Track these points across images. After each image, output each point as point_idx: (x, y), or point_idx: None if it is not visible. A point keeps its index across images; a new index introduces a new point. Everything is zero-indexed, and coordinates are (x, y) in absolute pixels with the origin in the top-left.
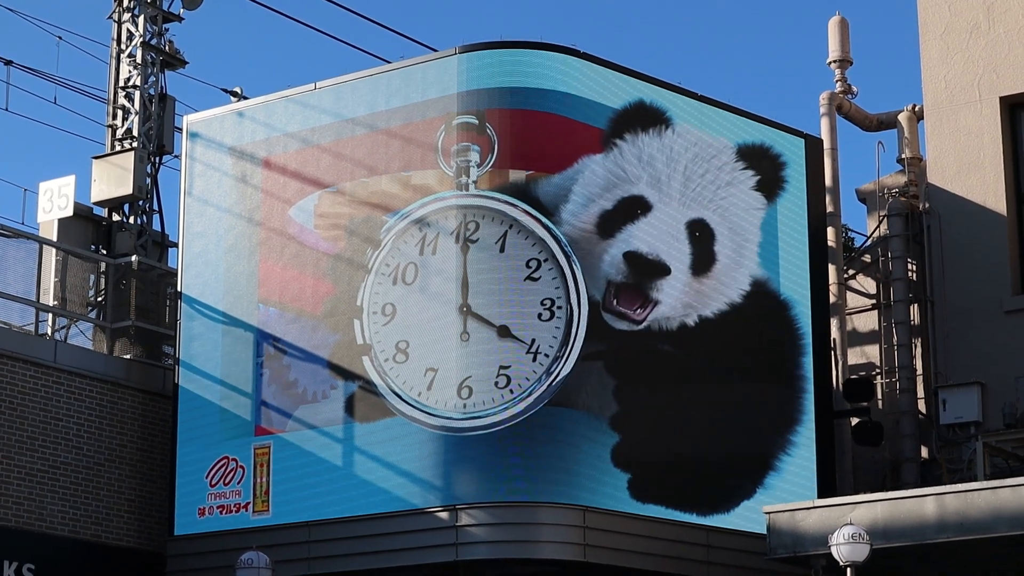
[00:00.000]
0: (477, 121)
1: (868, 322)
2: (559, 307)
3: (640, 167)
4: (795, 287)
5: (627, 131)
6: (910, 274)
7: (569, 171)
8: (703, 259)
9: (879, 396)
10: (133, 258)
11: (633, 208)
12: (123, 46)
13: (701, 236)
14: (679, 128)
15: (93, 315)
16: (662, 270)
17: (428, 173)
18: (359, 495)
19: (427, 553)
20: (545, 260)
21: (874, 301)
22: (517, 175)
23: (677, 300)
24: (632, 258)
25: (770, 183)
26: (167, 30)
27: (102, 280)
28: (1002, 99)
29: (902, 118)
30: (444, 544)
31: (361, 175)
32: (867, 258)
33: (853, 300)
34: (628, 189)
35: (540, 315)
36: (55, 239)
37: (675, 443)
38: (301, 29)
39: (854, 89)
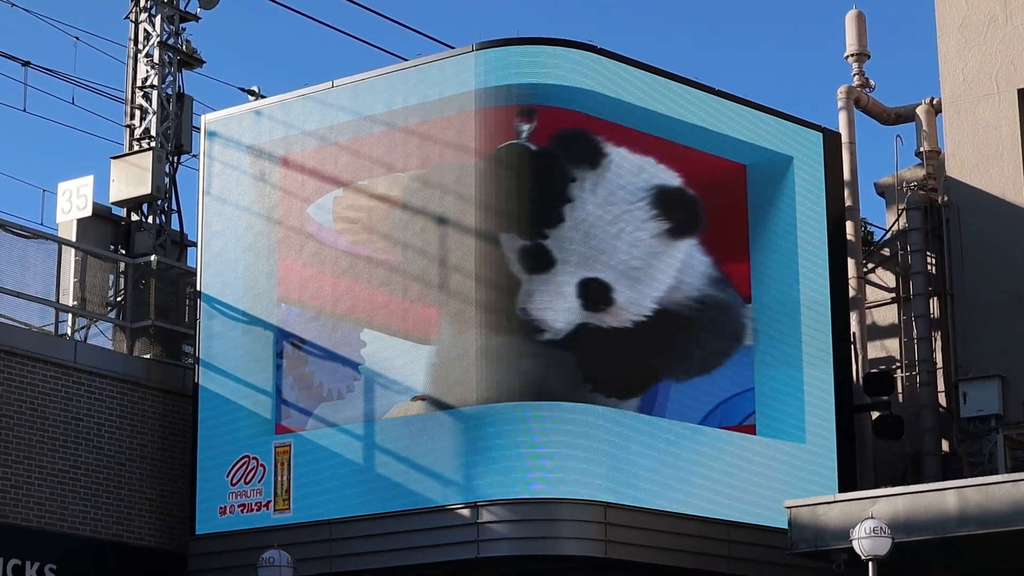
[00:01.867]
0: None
1: (888, 316)
2: None
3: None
4: (814, 281)
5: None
6: (929, 267)
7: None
8: (598, 303)
9: (899, 390)
10: (152, 258)
11: (542, 262)
12: (140, 46)
13: (593, 288)
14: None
15: (113, 315)
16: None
17: (446, 170)
18: (380, 493)
19: (448, 550)
20: None
21: (893, 295)
22: None
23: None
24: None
25: (685, 226)
26: (184, 29)
27: (121, 280)
28: (1020, 91)
29: (920, 111)
30: (465, 541)
31: (379, 172)
32: (886, 252)
33: (873, 294)
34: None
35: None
36: (74, 239)
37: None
38: (318, 27)
39: (872, 83)
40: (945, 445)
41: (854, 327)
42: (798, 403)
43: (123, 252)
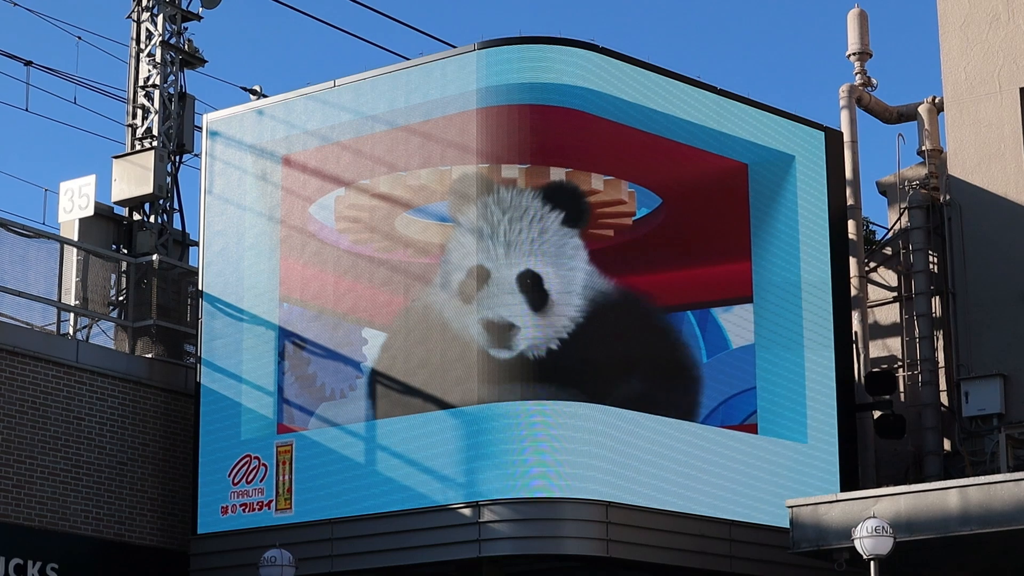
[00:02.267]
0: None
1: (889, 315)
2: None
3: (474, 238)
4: (815, 279)
5: (464, 206)
6: (931, 266)
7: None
8: (538, 300)
9: (901, 389)
10: (154, 257)
11: (480, 277)
12: (142, 45)
13: (532, 283)
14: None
15: (114, 314)
16: (511, 327)
17: (447, 170)
18: (382, 492)
19: (450, 550)
20: None
21: (895, 294)
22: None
23: (534, 335)
24: (487, 324)
25: (575, 215)
26: (186, 29)
27: (123, 279)
28: (1022, 90)
29: (922, 110)
30: (467, 540)
31: (381, 172)
32: (888, 251)
33: (874, 293)
34: (472, 260)
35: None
36: (76, 239)
37: None
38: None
39: (873, 81)
40: (947, 444)
41: (856, 326)
42: (800, 402)
43: (125, 251)
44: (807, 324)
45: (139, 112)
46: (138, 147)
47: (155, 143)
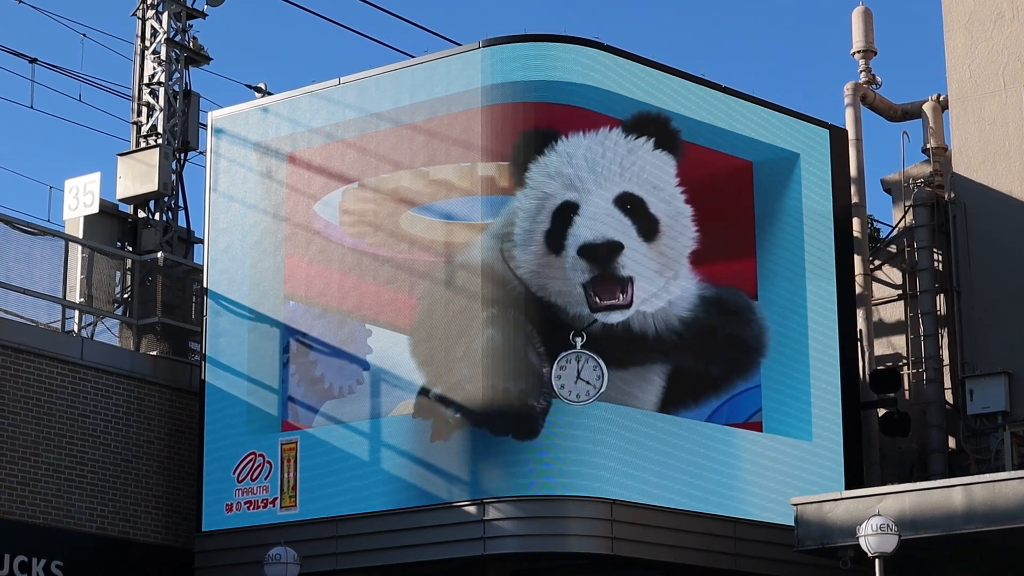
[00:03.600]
0: None
1: (894, 312)
2: None
3: (551, 179)
4: (820, 278)
5: (529, 160)
6: (936, 264)
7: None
8: (647, 226)
9: (906, 387)
10: (159, 255)
11: (566, 214)
12: (147, 43)
13: (633, 207)
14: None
15: (119, 312)
16: (616, 247)
17: (451, 168)
18: (386, 490)
19: (455, 547)
20: None
21: (900, 291)
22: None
23: (647, 269)
24: (586, 250)
25: (667, 139)
26: (191, 26)
27: (128, 277)
28: None
29: (927, 108)
30: (472, 538)
31: (386, 170)
32: (893, 248)
33: (879, 291)
34: (553, 203)
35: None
36: (81, 236)
37: None
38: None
39: (878, 79)
40: (952, 442)
41: (860, 324)
42: (804, 400)
43: (130, 249)
44: (812, 322)
45: (144, 109)
46: (143, 144)
47: (160, 141)
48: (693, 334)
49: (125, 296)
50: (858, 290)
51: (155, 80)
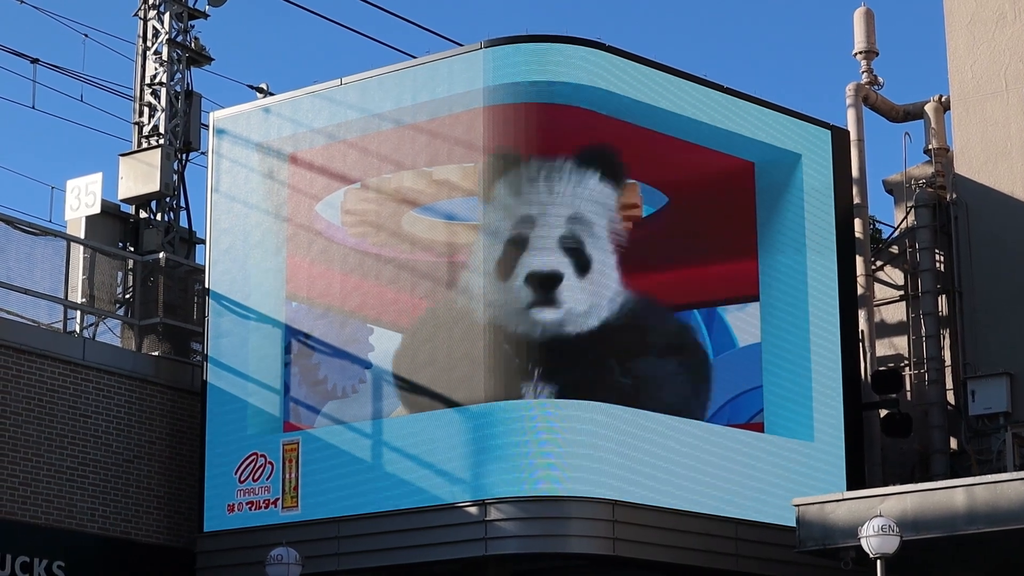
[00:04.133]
0: None
1: (896, 313)
2: None
3: (509, 209)
4: (822, 279)
5: (496, 182)
6: (938, 265)
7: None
8: (581, 264)
9: (908, 387)
10: (160, 255)
11: (518, 245)
12: (149, 43)
13: (575, 246)
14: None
15: (121, 312)
16: (557, 278)
17: (453, 168)
18: (388, 490)
19: (456, 548)
20: None
21: (902, 292)
22: None
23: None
24: (531, 278)
25: (613, 172)
26: (193, 27)
27: (130, 277)
28: None
29: (928, 109)
30: (473, 539)
31: (387, 170)
32: (895, 249)
33: (881, 291)
34: (508, 232)
35: None
36: (83, 237)
37: None
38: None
39: (880, 80)
40: (954, 443)
41: (862, 325)
42: (806, 401)
43: (131, 249)
44: (813, 323)
45: (146, 110)
46: (145, 145)
47: (162, 141)
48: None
49: (127, 296)
50: (860, 291)
51: (157, 80)
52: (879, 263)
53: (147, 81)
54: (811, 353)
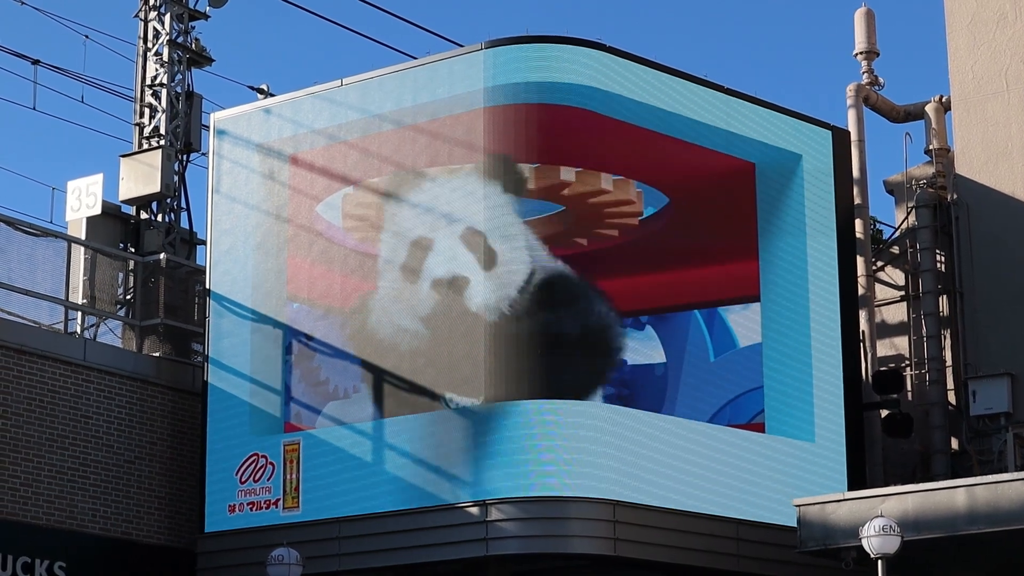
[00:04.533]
0: None
1: (897, 314)
2: None
3: (411, 213)
4: (823, 279)
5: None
6: (939, 265)
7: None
8: (488, 257)
9: (909, 388)
10: (161, 256)
11: (422, 246)
12: (150, 44)
13: (473, 240)
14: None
15: (122, 313)
16: (464, 282)
17: (455, 168)
18: (389, 491)
19: (457, 548)
20: None
21: (903, 293)
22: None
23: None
24: (437, 284)
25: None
26: (193, 28)
27: (131, 278)
28: None
29: (929, 109)
30: (474, 539)
31: (388, 171)
32: (895, 249)
33: (882, 292)
34: (412, 234)
35: None
36: (83, 237)
37: None
38: (327, 26)
39: (881, 80)
40: (955, 443)
41: (863, 325)
42: (807, 401)
43: (132, 250)
44: (814, 323)
45: (146, 111)
46: (145, 146)
47: (162, 142)
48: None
49: (127, 297)
50: (861, 291)
51: (157, 81)
52: (880, 263)
53: (148, 82)
54: (812, 353)
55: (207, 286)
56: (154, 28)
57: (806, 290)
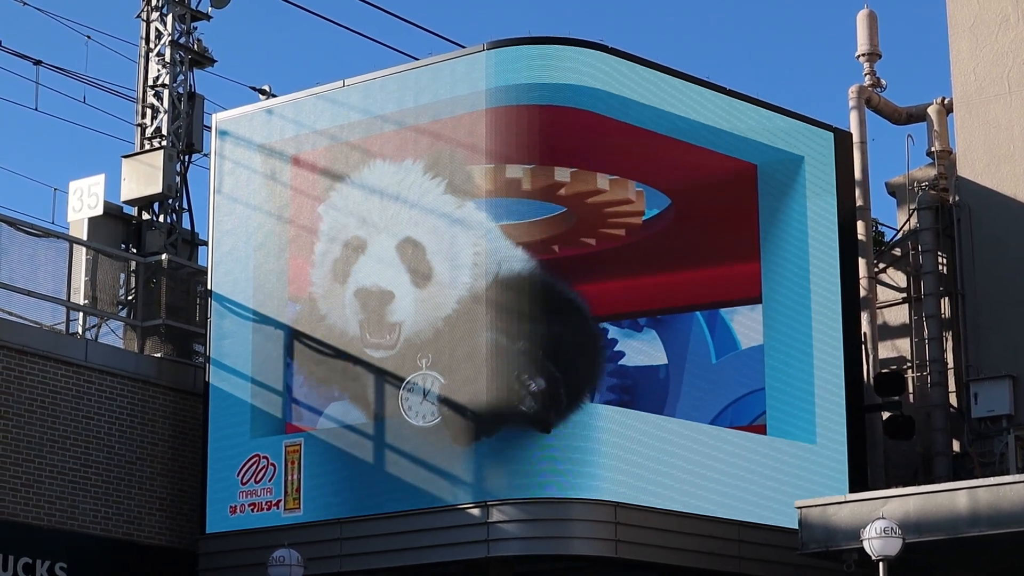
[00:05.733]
0: None
1: (899, 316)
2: None
3: (349, 209)
4: (824, 281)
5: (339, 181)
6: (940, 267)
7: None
8: (420, 272)
9: (910, 390)
10: (163, 256)
11: (354, 249)
12: (152, 45)
13: (413, 252)
14: (372, 163)
15: (123, 314)
16: (388, 296)
17: (456, 168)
18: (390, 492)
19: (458, 550)
20: None
21: (905, 295)
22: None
23: (416, 314)
24: (361, 295)
25: (459, 185)
26: (195, 28)
27: (132, 279)
28: None
29: (931, 111)
30: (475, 541)
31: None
32: (897, 252)
33: (883, 294)
34: (347, 232)
35: None
36: (85, 238)
37: None
38: (329, 27)
39: (883, 82)
40: (956, 445)
41: (865, 327)
42: (808, 403)
43: (134, 251)
44: (816, 325)
45: (148, 112)
46: (147, 146)
47: (164, 143)
48: None
49: (129, 298)
50: (862, 293)
51: (159, 82)
52: (882, 265)
53: (150, 83)
54: (814, 355)
55: (209, 287)
56: (156, 29)
57: (808, 292)
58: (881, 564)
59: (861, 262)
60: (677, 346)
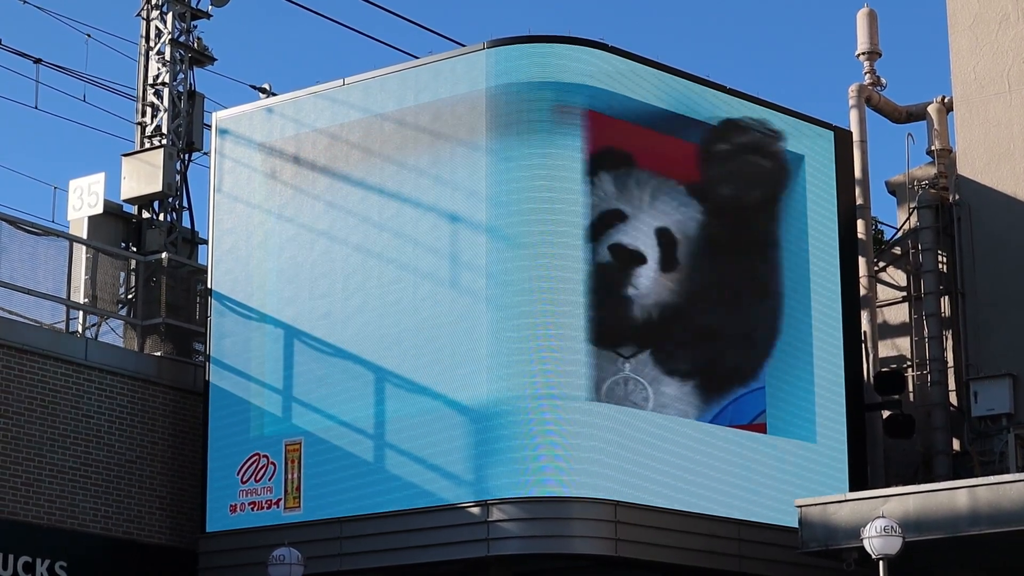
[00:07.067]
0: None
1: (899, 315)
2: None
3: (614, 189)
4: (824, 280)
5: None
6: (940, 266)
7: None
8: (668, 260)
9: (910, 389)
10: (163, 255)
11: (612, 218)
12: (152, 43)
13: (666, 241)
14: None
15: (124, 312)
16: (640, 258)
17: (456, 168)
18: (390, 491)
19: (458, 548)
20: None
21: (905, 293)
22: None
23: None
24: (615, 249)
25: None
26: (195, 27)
27: (132, 277)
28: None
29: (931, 110)
30: (476, 539)
31: (390, 171)
32: (897, 250)
33: (884, 293)
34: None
35: None
36: (85, 237)
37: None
38: (329, 25)
39: (883, 81)
40: (956, 444)
41: (865, 326)
42: (809, 402)
43: (134, 249)
44: (816, 323)
45: (148, 110)
46: (147, 145)
47: (164, 141)
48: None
49: (129, 297)
50: (863, 292)
51: (159, 80)
52: (882, 264)
53: (150, 81)
54: (814, 354)
55: (209, 285)
56: (156, 27)
57: (808, 290)
58: (881, 563)
59: (861, 261)
60: None
